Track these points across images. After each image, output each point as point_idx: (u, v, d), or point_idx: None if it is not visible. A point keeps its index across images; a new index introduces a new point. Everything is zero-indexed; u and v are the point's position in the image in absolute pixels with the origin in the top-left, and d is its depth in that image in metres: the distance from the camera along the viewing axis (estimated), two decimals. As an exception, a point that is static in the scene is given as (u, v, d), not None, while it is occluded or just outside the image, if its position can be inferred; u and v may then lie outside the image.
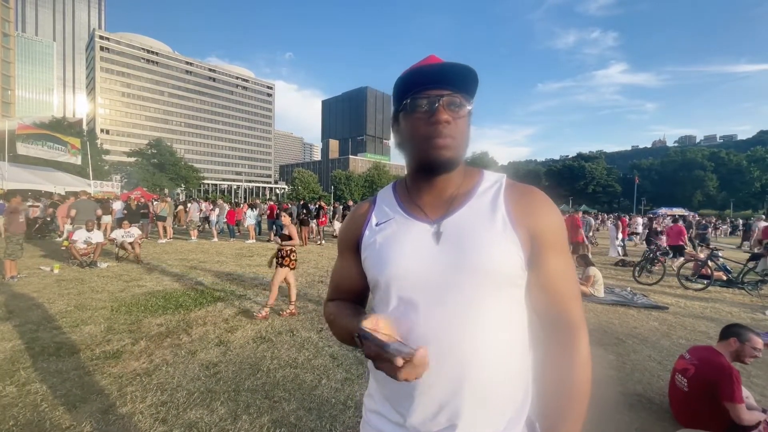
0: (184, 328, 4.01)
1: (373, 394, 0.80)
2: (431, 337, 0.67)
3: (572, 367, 0.71)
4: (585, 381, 0.70)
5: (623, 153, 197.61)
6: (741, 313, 5.42)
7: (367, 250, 0.78)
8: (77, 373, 2.96)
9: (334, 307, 0.85)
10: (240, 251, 10.20)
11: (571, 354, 0.71)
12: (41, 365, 3.07)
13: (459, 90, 0.69)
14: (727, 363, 2.20)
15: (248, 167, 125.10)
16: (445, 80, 0.68)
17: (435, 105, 0.68)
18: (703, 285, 6.88)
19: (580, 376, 0.70)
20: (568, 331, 0.72)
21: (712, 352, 2.31)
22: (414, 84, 0.70)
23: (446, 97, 0.68)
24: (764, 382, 3.22)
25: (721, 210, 57.88)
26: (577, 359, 0.71)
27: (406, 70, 0.70)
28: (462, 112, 0.70)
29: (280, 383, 2.89)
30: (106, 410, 2.46)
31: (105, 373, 2.98)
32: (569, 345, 0.71)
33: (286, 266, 4.56)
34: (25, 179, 16.39)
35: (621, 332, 4.38)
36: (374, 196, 0.87)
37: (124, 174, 50.22)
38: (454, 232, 0.71)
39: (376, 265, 0.75)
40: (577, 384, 0.70)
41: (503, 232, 0.69)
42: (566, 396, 0.70)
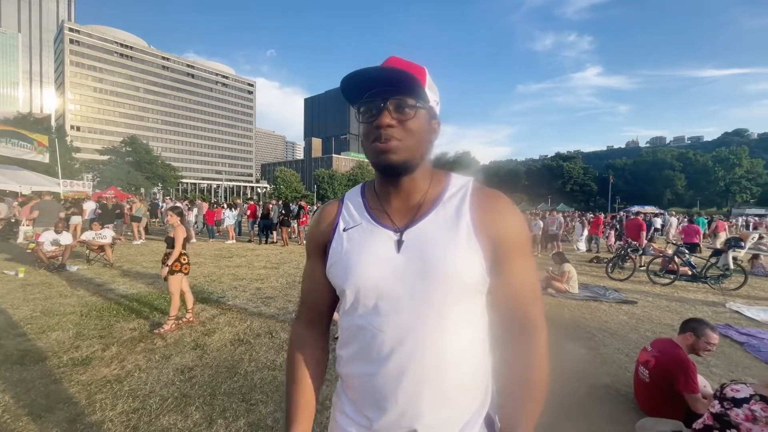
0: (159, 333, 3.90)
1: (341, 395, 0.82)
2: (394, 345, 0.69)
3: (531, 365, 0.73)
4: (542, 378, 0.74)
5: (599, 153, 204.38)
6: (704, 306, 5.73)
7: (333, 257, 0.78)
8: (43, 381, 2.85)
9: (292, 360, 0.84)
10: (219, 252, 10.00)
11: (530, 354, 0.74)
12: (4, 374, 2.93)
13: (401, 91, 0.68)
14: (684, 355, 2.33)
15: (228, 166, 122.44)
16: (384, 82, 0.67)
17: (379, 109, 0.68)
18: (669, 280, 7.24)
19: (538, 374, 0.73)
20: (528, 332, 0.74)
21: (671, 345, 2.45)
22: (359, 89, 0.69)
23: (392, 100, 0.68)
24: (723, 371, 3.42)
25: (688, 208, 60.71)
26: (536, 359, 0.73)
27: (350, 73, 0.67)
28: (411, 113, 0.68)
29: (258, 386, 2.86)
30: (73, 419, 2.38)
31: (73, 380, 2.87)
32: (529, 345, 0.74)
33: (178, 272, 4.04)
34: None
35: (593, 327, 4.55)
36: (342, 196, 0.86)
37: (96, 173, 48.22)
38: (416, 242, 0.71)
39: (340, 274, 0.75)
40: (535, 381, 0.73)
41: (467, 241, 0.70)
42: (525, 392, 0.73)
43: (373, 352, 0.71)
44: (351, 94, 0.71)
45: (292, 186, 73.83)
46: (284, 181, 74.60)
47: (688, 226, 10.50)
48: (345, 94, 0.71)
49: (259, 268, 7.78)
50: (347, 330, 0.77)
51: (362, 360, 0.73)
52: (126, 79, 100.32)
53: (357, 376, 0.75)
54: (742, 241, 9.24)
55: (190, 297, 4.29)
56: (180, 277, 4.07)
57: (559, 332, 4.27)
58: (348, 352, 0.76)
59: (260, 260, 8.86)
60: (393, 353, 0.69)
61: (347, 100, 0.73)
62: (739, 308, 5.57)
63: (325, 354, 0.88)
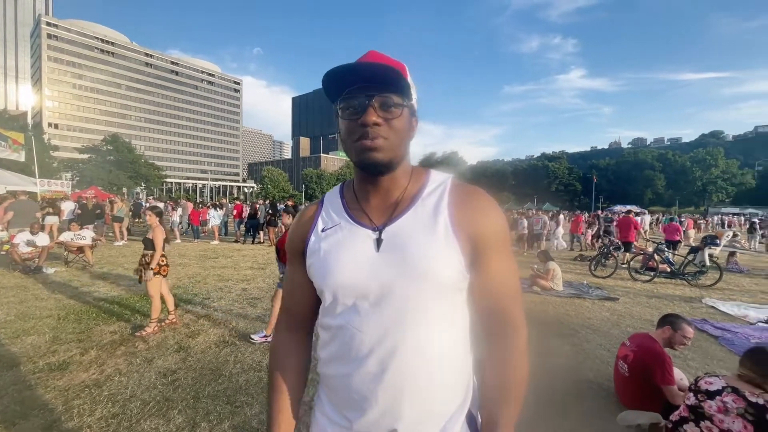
0: (141, 336, 3.81)
1: (321, 396, 0.81)
2: (373, 344, 0.68)
3: (511, 363, 0.73)
4: (522, 376, 0.74)
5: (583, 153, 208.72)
6: (681, 302, 5.92)
7: (312, 257, 0.77)
8: (17, 387, 2.74)
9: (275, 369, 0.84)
10: (204, 253, 9.82)
11: (510, 351, 0.73)
12: (-26, 381, 2.82)
13: (387, 88, 0.67)
14: (660, 349, 2.40)
15: (214, 165, 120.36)
16: (371, 79, 0.66)
17: (364, 106, 0.67)
18: (649, 277, 7.44)
19: (518, 371, 0.73)
20: (508, 330, 0.74)
21: (648, 339, 2.52)
22: (342, 84, 0.68)
23: (377, 97, 0.67)
24: (699, 364, 3.54)
25: (668, 207, 62.70)
26: (514, 355, 0.73)
27: (333, 68, 0.66)
28: (397, 111, 0.68)
29: (243, 387, 2.82)
30: (49, 426, 2.30)
31: (49, 386, 2.78)
32: (508, 343, 0.73)
33: (157, 274, 3.91)
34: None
35: (576, 323, 4.64)
36: (322, 198, 0.86)
37: (76, 172, 46.76)
38: (395, 240, 0.71)
39: (319, 274, 0.75)
40: (514, 379, 0.73)
41: (444, 238, 0.70)
42: (505, 389, 0.73)
43: (352, 352, 0.70)
44: (333, 90, 0.69)
45: (279, 186, 73.06)
46: (272, 180, 73.78)
47: (669, 224, 10.85)
48: (327, 89, 0.70)
49: (246, 269, 7.67)
50: (327, 330, 0.76)
51: (341, 360, 0.72)
52: (107, 75, 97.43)
53: (336, 376, 0.74)
54: (717, 239, 9.58)
55: (170, 299, 4.18)
56: (159, 279, 3.95)
57: (543, 329, 4.35)
58: (327, 353, 0.76)
59: (246, 261, 8.74)
60: (372, 353, 0.68)
61: (328, 96, 0.71)
62: (714, 303, 5.77)
63: (308, 361, 0.87)
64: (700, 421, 1.77)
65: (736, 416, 1.63)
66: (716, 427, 1.69)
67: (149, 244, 3.95)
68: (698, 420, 1.78)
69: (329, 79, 0.67)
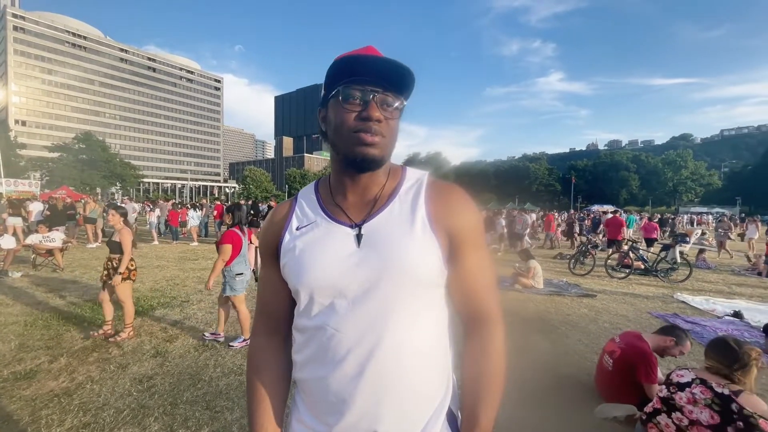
0: (115, 341, 3.67)
1: (297, 402, 0.78)
2: (352, 343, 0.67)
3: (488, 358, 0.73)
4: (499, 370, 0.73)
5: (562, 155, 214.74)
6: (655, 298, 6.16)
7: (286, 256, 0.75)
8: (-22, 399, 2.59)
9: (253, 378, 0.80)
10: (183, 254, 9.55)
11: (487, 345, 0.73)
12: (-70, 393, 2.64)
13: (394, 88, 0.67)
14: (648, 350, 2.49)
15: (194, 165, 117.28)
16: (382, 76, 0.66)
17: (368, 100, 0.66)
18: (625, 274, 7.73)
19: (495, 366, 0.72)
20: (484, 324, 0.74)
21: (638, 339, 2.61)
22: (351, 72, 0.66)
23: (380, 95, 0.66)
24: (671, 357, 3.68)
25: (641, 206, 65.18)
26: (492, 350, 0.73)
27: (344, 55, 0.67)
28: (394, 112, 0.69)
29: (223, 392, 2.76)
30: (13, 438, 2.18)
31: (15, 396, 2.63)
32: (485, 337, 0.73)
33: (127, 279, 3.75)
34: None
35: (556, 320, 4.76)
36: (295, 195, 0.84)
37: (45, 171, 44.67)
38: (374, 236, 0.70)
39: (295, 273, 0.72)
40: (493, 373, 0.72)
41: (422, 234, 0.69)
42: (484, 385, 0.72)
43: (329, 353, 0.68)
44: (338, 77, 0.67)
45: (262, 186, 71.86)
46: (254, 180, 72.48)
47: (647, 223, 11.31)
48: (333, 76, 0.68)
49: (227, 271, 7.50)
50: (302, 333, 0.74)
51: (318, 363, 0.70)
52: (79, 71, 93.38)
53: (312, 380, 0.72)
54: (687, 237, 10.03)
55: (130, 309, 3.81)
56: (130, 285, 3.79)
57: (525, 325, 4.44)
58: (303, 356, 0.73)
59: (228, 262, 8.54)
60: (350, 353, 0.67)
61: (327, 84, 0.69)
62: (685, 299, 6.04)
63: (289, 364, 0.82)
64: (672, 412, 1.84)
65: (704, 407, 1.71)
66: (686, 417, 1.76)
67: (116, 247, 3.73)
68: (670, 411, 1.85)
69: (342, 65, 0.66)
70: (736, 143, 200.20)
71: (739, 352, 1.78)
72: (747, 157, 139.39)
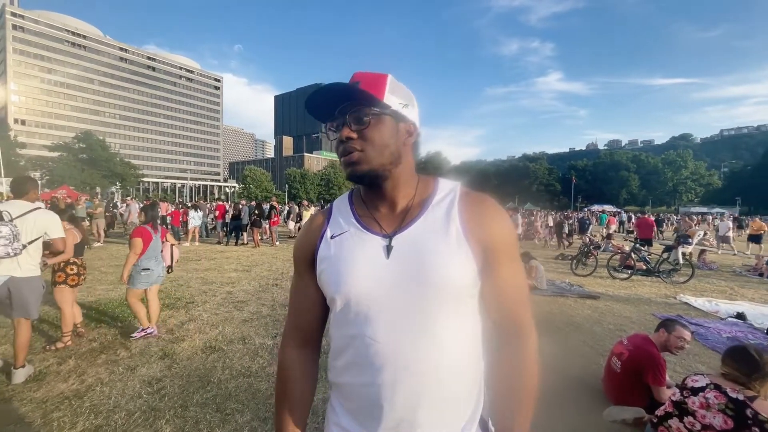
0: (122, 342, 3.68)
1: (335, 406, 0.79)
2: (388, 353, 0.68)
3: (521, 368, 0.75)
4: (533, 381, 0.75)
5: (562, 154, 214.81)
6: (658, 299, 6.17)
7: (322, 263, 0.76)
8: (-11, 401, 2.60)
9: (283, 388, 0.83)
10: (186, 255, 9.53)
11: (521, 357, 0.75)
12: (-59, 396, 2.65)
13: (361, 102, 0.69)
14: (656, 352, 2.50)
15: (194, 164, 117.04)
16: (329, 105, 0.71)
17: (338, 125, 0.72)
18: (627, 275, 7.73)
19: (528, 377, 0.74)
20: (518, 335, 0.76)
21: (646, 341, 2.62)
22: (314, 115, 0.74)
23: (349, 114, 0.70)
24: (675, 358, 3.67)
25: (641, 206, 65.25)
26: (526, 361, 0.75)
27: (307, 98, 0.72)
28: (368, 121, 0.69)
29: (233, 394, 2.76)
30: (27, 441, 2.19)
31: (25, 398, 2.64)
32: (519, 348, 0.75)
33: (62, 283, 3.60)
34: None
35: (560, 321, 4.77)
36: (329, 206, 0.86)
37: (45, 170, 44.59)
38: (406, 247, 0.71)
39: (331, 281, 0.74)
40: (526, 384, 0.74)
41: (457, 245, 0.70)
42: (517, 395, 0.74)
43: (366, 361, 0.70)
44: (318, 115, 0.75)
45: (262, 185, 71.77)
46: (254, 180, 72.39)
47: (642, 222, 11.32)
48: (314, 115, 0.75)
49: (230, 271, 7.51)
50: (340, 339, 0.75)
51: (356, 369, 0.72)
52: (79, 70, 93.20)
53: (351, 385, 0.74)
54: (689, 238, 10.04)
55: (67, 317, 3.58)
56: (64, 290, 3.61)
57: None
58: (342, 362, 0.75)
59: (230, 263, 8.56)
60: (387, 363, 0.68)
61: (319, 120, 0.75)
62: (688, 300, 6.05)
63: (316, 375, 0.87)
64: (684, 416, 1.85)
65: (717, 411, 1.72)
66: (698, 422, 1.77)
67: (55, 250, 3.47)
68: (682, 415, 1.86)
69: (309, 106, 0.73)
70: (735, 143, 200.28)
71: (760, 361, 1.78)
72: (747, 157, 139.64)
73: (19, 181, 3.06)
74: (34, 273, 2.96)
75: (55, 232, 3.07)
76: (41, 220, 2.98)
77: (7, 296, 2.81)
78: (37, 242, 2.97)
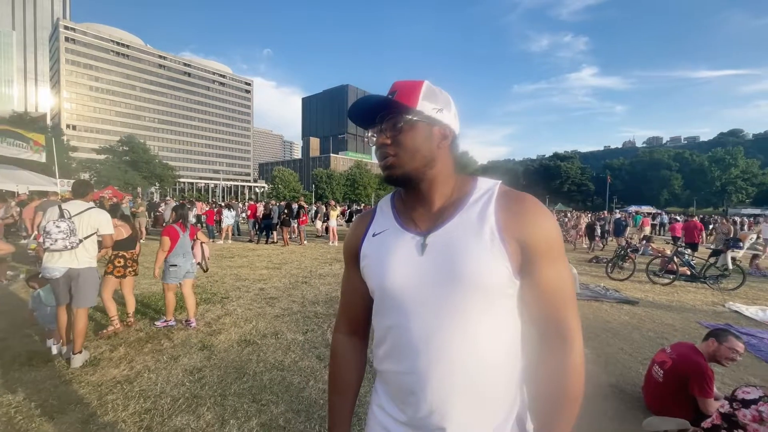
0: (165, 333, 3.91)
1: (378, 390, 0.86)
2: (420, 344, 0.72)
3: (565, 375, 0.72)
4: (577, 387, 0.72)
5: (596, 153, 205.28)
6: (704, 306, 5.79)
7: (365, 259, 0.83)
8: (53, 382, 2.86)
9: (334, 371, 0.92)
10: (220, 252, 9.98)
11: (564, 362, 0.72)
12: (13, 375, 2.94)
13: (393, 111, 0.74)
14: (703, 362, 2.35)
15: (226, 165, 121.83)
16: (366, 115, 0.77)
17: (377, 132, 0.77)
18: (669, 280, 7.30)
19: (572, 382, 0.72)
20: (562, 339, 0.73)
21: (692, 350, 2.47)
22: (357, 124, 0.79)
23: (375, 129, 0.77)
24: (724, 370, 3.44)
25: (685, 207, 61.16)
26: (569, 369, 0.72)
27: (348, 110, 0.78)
28: (401, 127, 0.74)
29: (267, 386, 2.88)
30: (86, 420, 2.39)
31: (83, 381, 2.88)
32: (562, 353, 0.73)
33: (109, 273, 4.01)
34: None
35: (595, 327, 4.59)
36: (376, 206, 0.91)
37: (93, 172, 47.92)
38: (439, 245, 0.74)
39: (371, 275, 0.80)
40: (569, 390, 0.72)
41: (490, 244, 0.70)
42: (559, 401, 0.73)
43: (402, 350, 0.75)
44: (360, 123, 0.80)
45: (290, 185, 73.61)
46: (282, 180, 74.37)
47: (687, 224, 10.63)
48: (356, 123, 0.80)
49: (261, 269, 7.78)
50: (380, 329, 0.81)
51: (394, 358, 0.77)
52: (122, 77, 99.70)
53: (390, 372, 0.79)
54: (740, 242, 9.33)
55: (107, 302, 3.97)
56: (109, 280, 4.01)
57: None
58: (382, 351, 0.80)
59: (262, 260, 8.87)
60: (420, 353, 0.72)
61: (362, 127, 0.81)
62: (738, 308, 5.64)
63: (364, 361, 0.93)
64: (734, 429, 1.75)
65: (773, 425, 1.61)
66: (751, 435, 1.67)
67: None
68: (731, 428, 1.76)
69: (351, 117, 0.79)
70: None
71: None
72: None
73: (80, 183, 3.49)
74: (90, 264, 3.29)
75: (105, 229, 3.42)
76: (95, 217, 3.34)
77: (67, 286, 3.15)
78: (92, 237, 3.32)
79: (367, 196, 72.74)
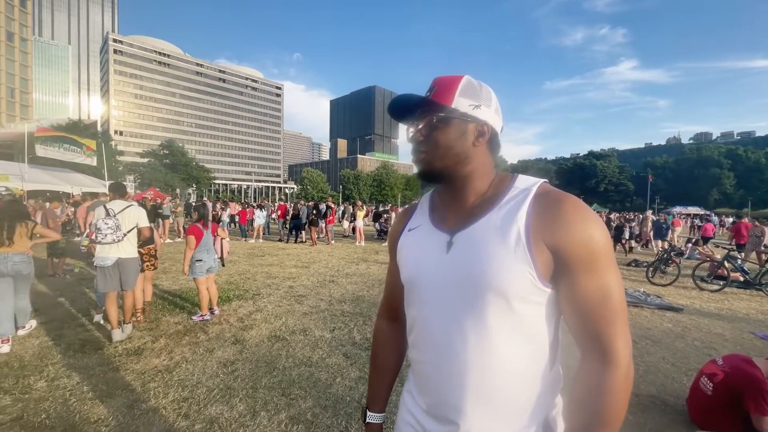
0: (201, 327, 4.12)
1: (410, 375, 0.90)
2: (437, 338, 0.75)
3: (601, 396, 0.66)
4: (614, 412, 0.66)
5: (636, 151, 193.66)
6: (758, 315, 5.33)
7: (400, 252, 0.87)
8: (102, 369, 3.09)
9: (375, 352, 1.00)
10: (251, 251, 10.36)
11: (602, 383, 0.66)
12: (68, 361, 3.21)
13: (427, 110, 0.75)
14: (761, 376, 2.15)
15: (258, 167, 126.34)
16: (403, 111, 0.79)
17: (412, 129, 0.80)
18: (719, 286, 6.76)
19: (609, 406, 0.65)
20: (602, 358, 0.66)
21: (748, 363, 2.28)
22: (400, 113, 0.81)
23: (410, 125, 0.79)
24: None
25: (738, 208, 56.41)
26: (607, 389, 0.65)
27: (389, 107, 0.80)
28: (434, 124, 0.74)
29: (296, 381, 2.96)
30: (131, 405, 2.56)
31: (128, 369, 3.09)
32: (600, 373, 0.66)
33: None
34: (44, 180, 16.87)
35: (634, 333, 4.34)
36: (417, 201, 0.94)
37: (137, 174, 51.26)
38: (464, 245, 0.73)
39: (403, 268, 0.85)
40: (604, 414, 0.66)
41: (514, 247, 0.67)
42: (591, 424, 0.67)
43: (424, 341, 0.78)
44: (399, 119, 0.83)
45: (318, 186, 75.13)
46: (311, 181, 76.04)
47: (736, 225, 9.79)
48: (396, 119, 0.83)
49: (291, 267, 8.00)
50: (409, 318, 0.85)
51: (418, 347, 0.81)
52: (163, 85, 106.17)
53: (415, 361, 0.83)
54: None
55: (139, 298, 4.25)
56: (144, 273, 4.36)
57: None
58: (411, 339, 0.84)
59: (291, 259, 9.11)
60: (438, 346, 0.75)
61: (400, 123, 0.84)
62: (800, 318, 5.13)
63: (402, 346, 0.97)
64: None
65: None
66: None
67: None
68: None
69: (390, 113, 0.82)
70: None
71: None
72: None
73: (118, 185, 4.14)
74: (133, 255, 3.93)
75: (142, 223, 3.99)
76: (134, 213, 3.93)
77: (117, 272, 3.75)
78: (133, 231, 3.86)
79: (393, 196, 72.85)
